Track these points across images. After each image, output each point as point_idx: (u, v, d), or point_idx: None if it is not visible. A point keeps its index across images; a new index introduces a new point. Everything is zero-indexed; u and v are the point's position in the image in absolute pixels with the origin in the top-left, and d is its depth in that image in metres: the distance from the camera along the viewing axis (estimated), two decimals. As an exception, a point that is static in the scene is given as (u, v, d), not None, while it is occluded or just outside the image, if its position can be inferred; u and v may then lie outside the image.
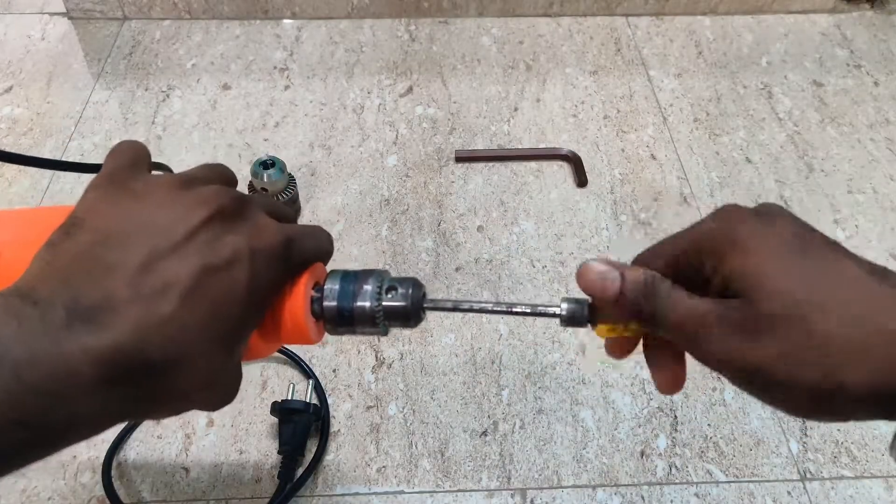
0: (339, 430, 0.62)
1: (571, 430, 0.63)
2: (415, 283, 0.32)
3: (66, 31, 1.02)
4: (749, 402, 0.65)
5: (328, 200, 0.81)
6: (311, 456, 0.60)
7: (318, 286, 0.32)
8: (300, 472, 0.59)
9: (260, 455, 0.61)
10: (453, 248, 0.76)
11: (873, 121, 0.92)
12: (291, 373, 0.66)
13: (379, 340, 0.68)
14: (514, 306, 0.32)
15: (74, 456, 0.60)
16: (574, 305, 0.31)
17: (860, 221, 0.80)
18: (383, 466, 0.60)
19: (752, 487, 0.60)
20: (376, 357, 0.67)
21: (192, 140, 0.87)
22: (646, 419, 0.64)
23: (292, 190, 0.75)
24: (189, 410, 0.27)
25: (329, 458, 0.61)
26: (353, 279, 0.32)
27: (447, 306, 0.33)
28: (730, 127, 0.90)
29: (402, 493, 0.59)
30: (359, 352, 0.68)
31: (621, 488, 0.60)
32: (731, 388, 0.66)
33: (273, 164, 0.73)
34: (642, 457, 0.61)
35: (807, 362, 0.25)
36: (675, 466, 0.61)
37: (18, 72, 0.96)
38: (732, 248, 0.27)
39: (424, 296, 0.33)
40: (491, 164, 0.85)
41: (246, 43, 1.00)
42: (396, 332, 0.68)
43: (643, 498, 0.59)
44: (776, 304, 0.25)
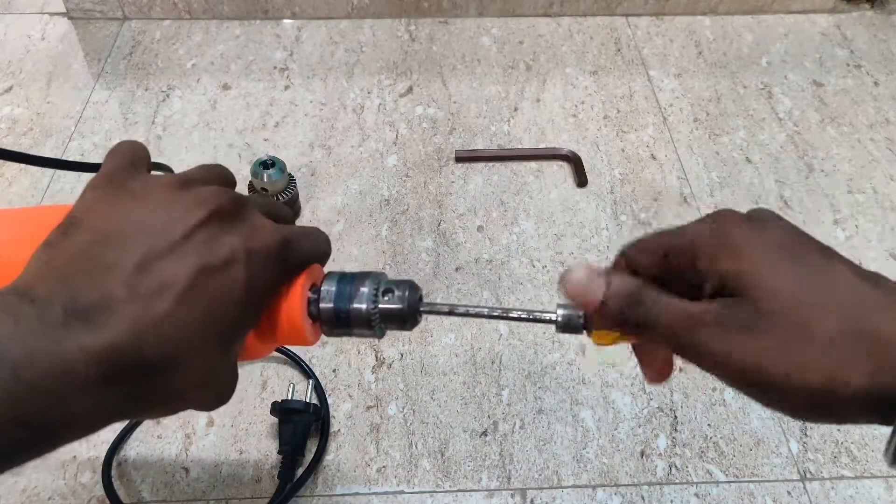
0: (339, 430, 0.62)
1: (571, 430, 0.63)
2: (411, 286, 0.32)
3: (66, 31, 1.02)
4: (749, 402, 0.65)
5: (328, 200, 0.81)
6: (311, 456, 0.60)
7: (315, 287, 0.32)
8: (300, 472, 0.59)
9: (260, 455, 0.61)
10: (453, 248, 0.76)
11: (873, 121, 0.92)
12: (291, 373, 0.66)
13: (378, 340, 0.68)
14: (510, 311, 0.32)
15: (74, 456, 0.60)
16: (569, 312, 0.31)
17: (860, 221, 0.80)
18: (383, 466, 0.60)
19: (752, 487, 0.60)
20: (376, 357, 0.67)
21: (192, 140, 0.87)
22: (646, 419, 0.64)
23: (292, 190, 0.75)
24: (185, 410, 0.27)
25: (329, 458, 0.61)
26: (349, 281, 0.32)
27: (443, 310, 0.33)
28: (730, 127, 0.90)
29: (402, 493, 0.59)
30: (359, 352, 0.68)
31: (621, 488, 0.60)
32: (731, 388, 0.66)
33: (273, 164, 0.73)
34: (642, 457, 0.61)
35: (807, 363, 0.25)
36: (675, 466, 0.61)
37: (18, 72, 0.96)
38: (727, 252, 0.27)
39: (421, 298, 0.33)
40: (491, 164, 0.85)
41: (246, 43, 1.00)
42: (396, 331, 0.68)
43: (643, 498, 0.59)
44: (776, 303, 0.25)
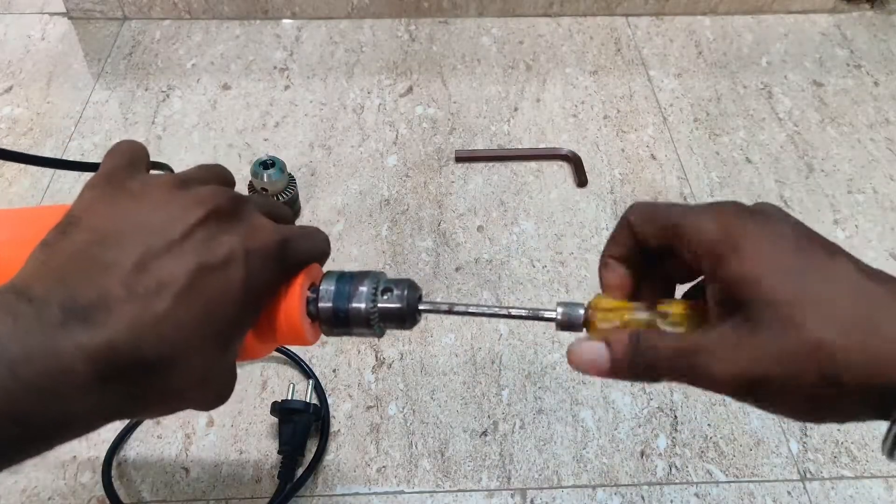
0: (339, 430, 0.62)
1: (571, 430, 0.63)
2: (410, 285, 0.32)
3: (66, 31, 1.02)
4: (749, 402, 0.65)
5: (328, 200, 0.81)
6: (311, 456, 0.60)
7: (314, 287, 0.32)
8: (300, 472, 0.59)
9: (260, 455, 0.61)
10: (453, 248, 0.76)
11: (873, 121, 0.92)
12: (291, 373, 0.66)
13: (379, 340, 0.68)
14: (510, 310, 0.32)
15: (74, 456, 0.60)
16: (569, 310, 0.31)
17: (860, 221, 0.80)
18: (383, 466, 0.60)
19: (752, 487, 0.60)
20: (376, 357, 0.67)
21: (192, 140, 0.87)
22: (646, 419, 0.63)
23: (292, 190, 0.75)
24: (184, 409, 0.27)
25: (329, 458, 0.61)
26: (348, 280, 0.32)
27: (443, 308, 0.33)
28: (730, 127, 0.90)
29: (402, 493, 0.59)
30: (359, 352, 0.68)
31: (621, 488, 0.60)
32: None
33: (273, 164, 0.73)
34: (642, 457, 0.61)
35: (804, 364, 0.25)
36: (675, 466, 0.61)
37: (18, 72, 0.96)
38: (731, 252, 0.27)
39: (420, 298, 0.33)
40: (491, 164, 0.85)
41: (246, 43, 1.00)
42: (396, 331, 0.68)
43: (643, 498, 0.59)
44: (779, 308, 0.26)
